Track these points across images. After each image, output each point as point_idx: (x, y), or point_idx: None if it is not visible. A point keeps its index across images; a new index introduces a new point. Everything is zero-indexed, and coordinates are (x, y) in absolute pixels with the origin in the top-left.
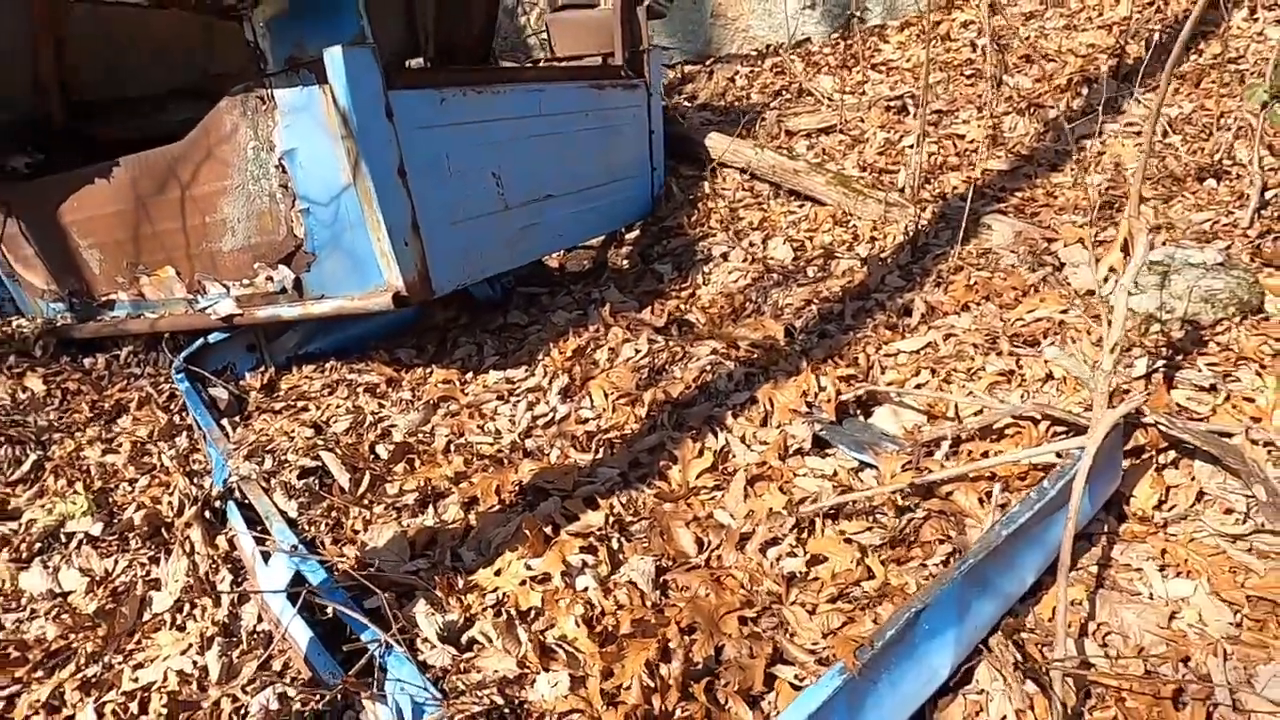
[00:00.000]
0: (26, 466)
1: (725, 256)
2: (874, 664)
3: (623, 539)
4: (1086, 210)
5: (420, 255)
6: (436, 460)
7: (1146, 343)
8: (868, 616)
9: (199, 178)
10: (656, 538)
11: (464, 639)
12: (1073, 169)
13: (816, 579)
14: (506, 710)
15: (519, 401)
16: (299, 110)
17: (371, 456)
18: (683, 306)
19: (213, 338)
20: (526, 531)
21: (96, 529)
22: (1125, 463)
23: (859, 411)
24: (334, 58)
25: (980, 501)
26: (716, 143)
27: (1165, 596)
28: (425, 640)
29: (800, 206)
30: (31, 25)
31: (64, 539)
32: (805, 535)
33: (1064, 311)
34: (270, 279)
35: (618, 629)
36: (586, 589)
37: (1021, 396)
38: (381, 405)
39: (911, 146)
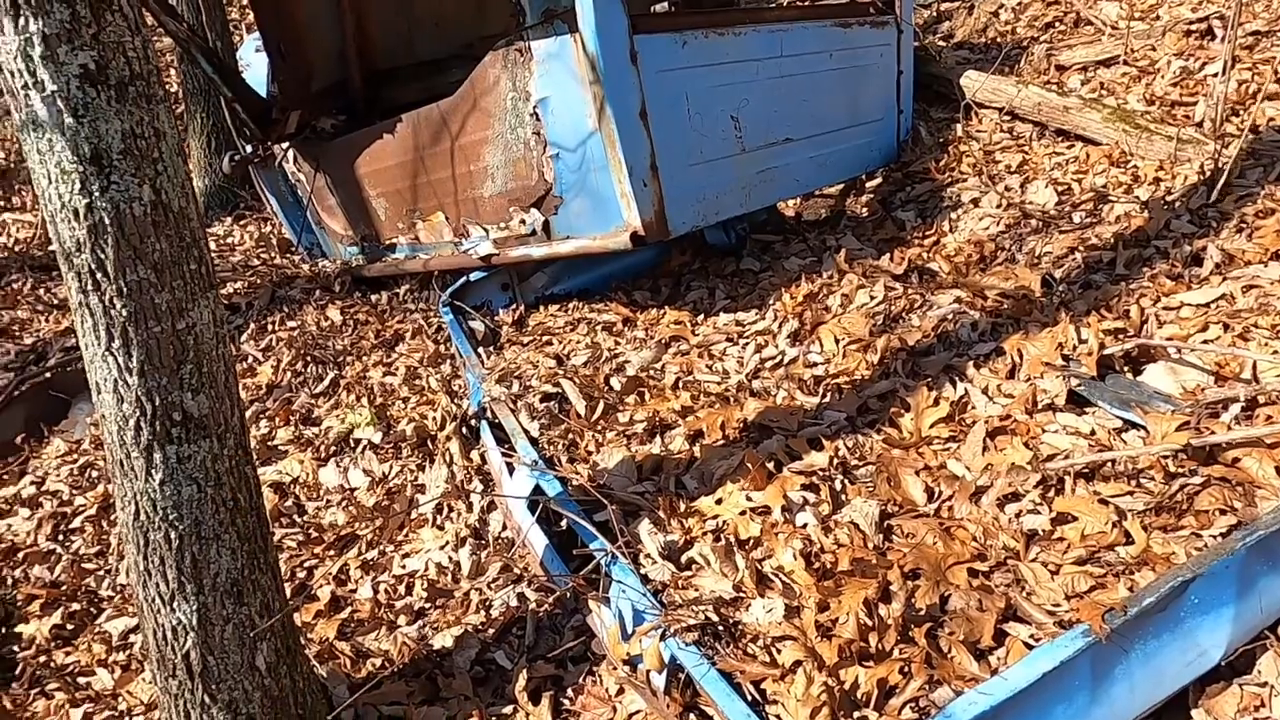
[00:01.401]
0: (326, 382)
1: (976, 202)
2: (1126, 632)
3: (846, 481)
4: None
5: (658, 196)
6: (665, 395)
7: None
8: (1121, 584)
9: (466, 128)
10: (883, 483)
11: (683, 559)
12: None
13: (1062, 539)
14: (720, 627)
15: (747, 344)
16: (552, 59)
17: (606, 387)
18: (925, 255)
19: (473, 276)
20: (749, 465)
21: (377, 437)
22: None
23: (1127, 368)
24: (584, 5)
25: (1278, 471)
26: (972, 81)
27: None
28: (647, 556)
29: (1069, 148)
30: (339, 5)
31: (352, 444)
32: (1051, 493)
33: None
34: (523, 222)
35: (836, 566)
36: (806, 525)
37: None
38: (617, 342)
39: (1216, 75)
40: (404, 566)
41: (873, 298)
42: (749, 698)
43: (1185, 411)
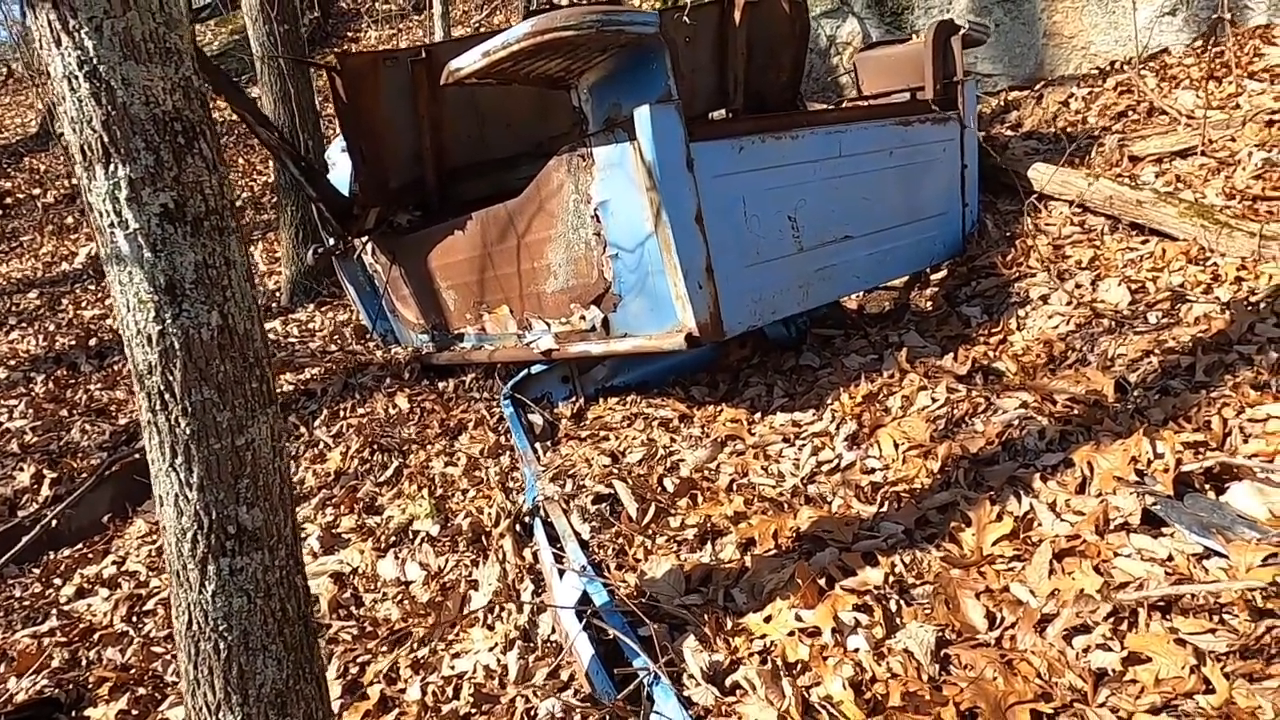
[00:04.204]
0: (390, 471)
1: (1045, 299)
2: None
3: (902, 602)
4: None
5: (713, 298)
6: (719, 498)
7: None
8: None
9: (531, 228)
10: (940, 606)
11: (728, 682)
12: None
13: (1134, 681)
14: None
15: (804, 445)
16: (613, 165)
17: (659, 488)
18: (990, 354)
19: (535, 369)
20: (799, 580)
21: (435, 530)
22: None
23: (1208, 487)
24: (642, 116)
25: None
26: (1041, 174)
27: None
28: (691, 676)
29: (1143, 243)
30: (416, 110)
31: (411, 535)
32: (1124, 627)
33: None
34: (583, 318)
35: (887, 699)
36: (858, 650)
37: None
38: (673, 439)
39: None
40: (453, 667)
41: (934, 400)
42: None
43: (1272, 541)
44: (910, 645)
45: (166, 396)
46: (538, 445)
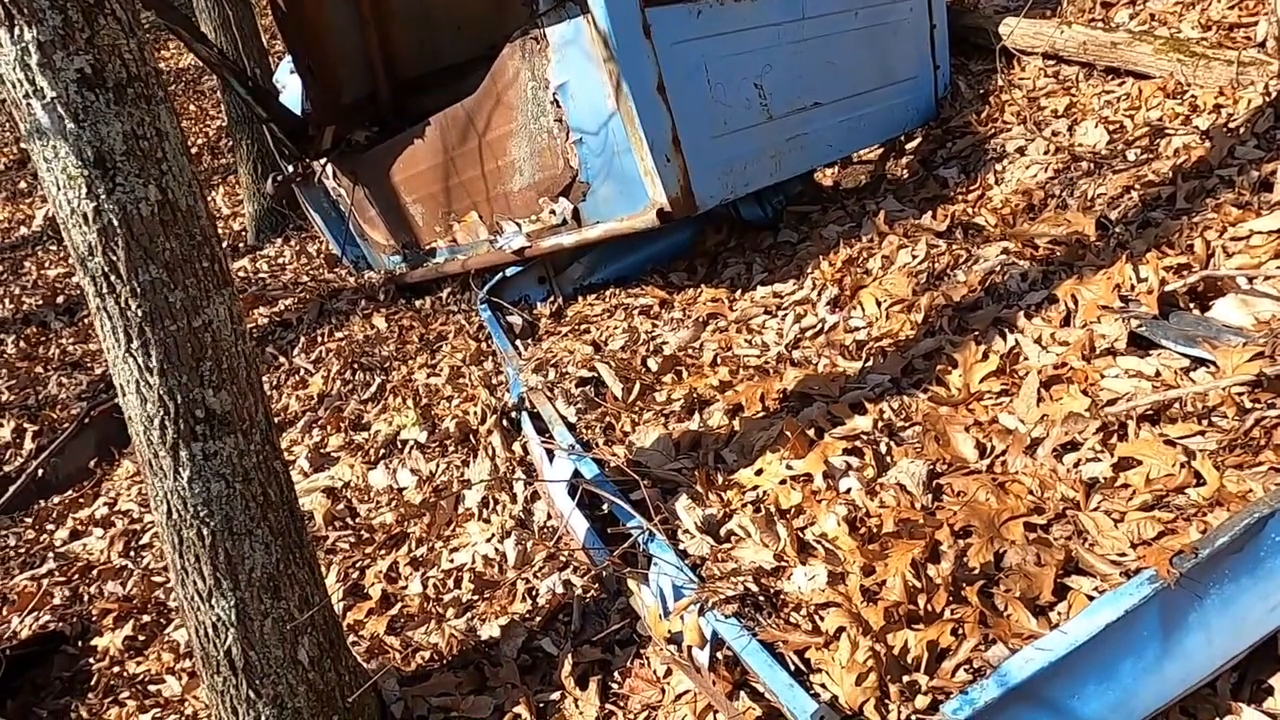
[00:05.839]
0: (374, 388)
1: (1022, 151)
2: (1199, 575)
3: (892, 443)
4: None
5: (682, 170)
6: (704, 372)
7: None
8: (1194, 527)
9: (491, 124)
10: (931, 443)
11: (722, 532)
12: None
13: (1126, 485)
14: (761, 598)
15: (786, 314)
16: (568, 44)
17: (643, 369)
18: (970, 210)
19: (510, 272)
20: (788, 433)
21: (423, 437)
22: None
23: (1193, 305)
24: None
25: None
26: (1011, 27)
27: None
28: (685, 531)
29: (1119, 85)
30: (361, 17)
31: (400, 445)
32: (1114, 439)
33: None
34: (553, 212)
35: (881, 528)
36: (850, 490)
37: None
38: (654, 325)
39: None
40: (452, 561)
41: (915, 256)
42: (792, 668)
43: (1259, 342)
44: (902, 479)
45: (112, 278)
46: (518, 344)
